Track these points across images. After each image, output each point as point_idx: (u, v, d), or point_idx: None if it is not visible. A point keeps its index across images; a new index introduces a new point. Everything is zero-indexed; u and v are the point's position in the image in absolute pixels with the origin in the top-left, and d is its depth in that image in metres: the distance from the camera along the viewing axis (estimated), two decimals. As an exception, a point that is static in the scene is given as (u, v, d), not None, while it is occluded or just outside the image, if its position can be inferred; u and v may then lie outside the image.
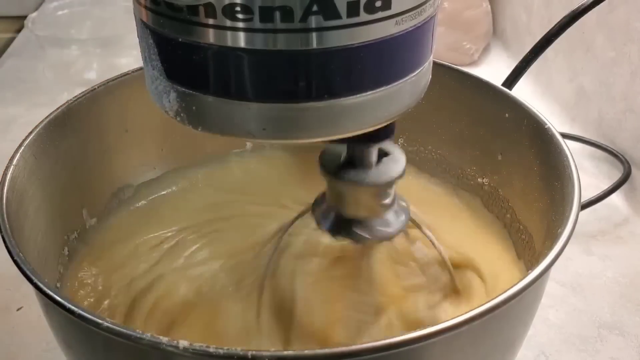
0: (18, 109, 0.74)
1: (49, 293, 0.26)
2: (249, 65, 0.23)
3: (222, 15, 0.22)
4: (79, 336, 0.28)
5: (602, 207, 0.56)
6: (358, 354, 0.23)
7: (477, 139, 0.44)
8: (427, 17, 0.25)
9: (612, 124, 0.63)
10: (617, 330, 0.46)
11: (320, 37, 0.22)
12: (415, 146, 0.49)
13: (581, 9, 0.48)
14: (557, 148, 0.36)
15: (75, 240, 0.41)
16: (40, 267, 0.34)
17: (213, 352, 0.23)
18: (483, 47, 0.86)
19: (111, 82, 0.42)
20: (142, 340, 0.23)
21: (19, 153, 0.35)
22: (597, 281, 0.50)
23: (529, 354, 0.44)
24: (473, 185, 0.46)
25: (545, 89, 0.75)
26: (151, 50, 0.25)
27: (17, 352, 0.44)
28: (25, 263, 0.28)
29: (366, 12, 0.22)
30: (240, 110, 0.24)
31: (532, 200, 0.39)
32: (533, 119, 0.38)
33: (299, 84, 0.23)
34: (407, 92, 0.26)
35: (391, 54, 0.24)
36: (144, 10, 0.24)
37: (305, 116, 0.24)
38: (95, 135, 0.42)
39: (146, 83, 0.27)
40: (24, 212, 0.34)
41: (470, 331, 0.25)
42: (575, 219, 0.30)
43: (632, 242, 0.54)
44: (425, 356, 0.26)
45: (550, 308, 0.47)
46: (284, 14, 0.21)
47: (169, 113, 0.26)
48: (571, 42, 0.69)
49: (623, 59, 0.61)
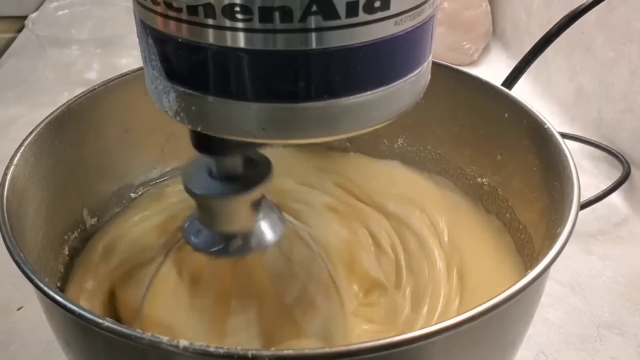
0: (18, 109, 0.74)
1: (49, 293, 0.26)
2: (248, 65, 0.23)
3: (222, 15, 0.22)
4: (79, 336, 0.28)
5: (602, 206, 0.56)
6: (358, 353, 0.23)
7: (477, 138, 0.44)
8: (427, 17, 0.25)
9: (611, 124, 0.64)
10: (617, 329, 0.46)
11: (320, 37, 0.22)
12: (414, 146, 0.49)
13: (581, 9, 0.48)
14: (557, 148, 0.36)
15: (75, 240, 0.41)
16: (40, 267, 0.34)
17: (213, 352, 0.23)
18: (483, 47, 0.86)
19: (111, 82, 0.42)
20: (142, 339, 0.24)
21: (19, 153, 0.35)
22: (597, 281, 0.50)
23: (528, 353, 0.44)
24: (472, 185, 0.46)
25: (544, 89, 0.75)
26: (151, 50, 0.25)
27: (17, 352, 0.44)
28: (25, 263, 0.28)
29: (365, 13, 0.22)
30: (240, 110, 0.24)
31: (531, 200, 0.39)
32: (532, 119, 0.38)
33: (299, 84, 0.23)
34: (407, 92, 0.26)
35: (390, 54, 0.24)
36: (143, 10, 0.24)
37: (305, 116, 0.24)
38: (95, 135, 0.42)
39: (146, 83, 0.27)
40: (24, 212, 0.34)
41: (470, 331, 0.25)
42: (575, 218, 0.30)
43: (631, 241, 0.55)
44: (425, 356, 0.26)
45: (550, 307, 0.48)
46: (283, 14, 0.21)
47: (169, 113, 0.26)
48: (571, 42, 0.69)
49: (622, 59, 0.62)
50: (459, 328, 0.24)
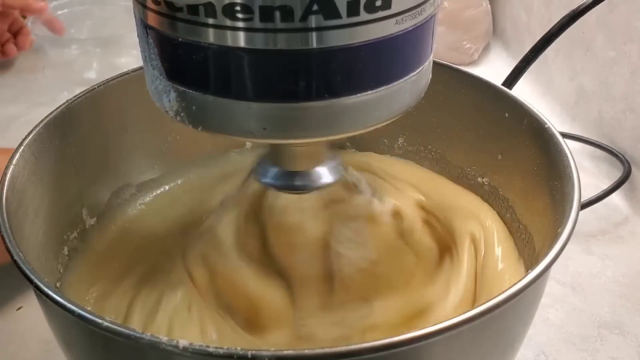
0: (18, 108, 0.74)
1: (48, 293, 0.26)
2: (249, 64, 0.23)
3: (222, 14, 0.22)
4: (79, 336, 0.28)
5: (602, 206, 0.56)
6: (358, 353, 0.23)
7: (477, 138, 0.44)
8: (427, 17, 0.25)
9: (612, 124, 0.63)
10: (617, 329, 0.46)
11: (321, 37, 0.22)
12: (415, 145, 0.49)
13: (581, 8, 0.48)
14: (557, 147, 0.36)
15: (75, 240, 0.41)
16: (40, 267, 0.34)
17: (213, 352, 0.23)
18: (483, 46, 0.86)
19: (111, 82, 0.42)
20: (141, 339, 0.23)
21: (18, 152, 0.35)
22: (597, 281, 0.50)
23: (528, 353, 0.44)
24: (473, 184, 0.46)
25: (545, 88, 0.75)
26: (151, 50, 0.25)
27: (17, 352, 0.44)
28: (25, 263, 0.28)
29: (366, 12, 0.22)
30: (240, 110, 0.24)
31: (532, 200, 0.39)
32: (533, 118, 0.38)
33: (299, 84, 0.23)
34: (408, 91, 0.26)
35: (391, 53, 0.24)
36: (144, 10, 0.24)
37: (306, 116, 0.24)
38: (95, 135, 0.42)
39: (146, 82, 0.27)
40: (23, 212, 0.34)
41: (470, 331, 0.25)
42: (575, 218, 0.30)
43: (632, 241, 0.54)
44: (425, 356, 0.26)
45: (550, 307, 0.47)
46: (284, 13, 0.21)
47: (169, 113, 0.26)
48: (571, 41, 0.69)
49: (623, 59, 0.62)
50: (459, 328, 0.24)
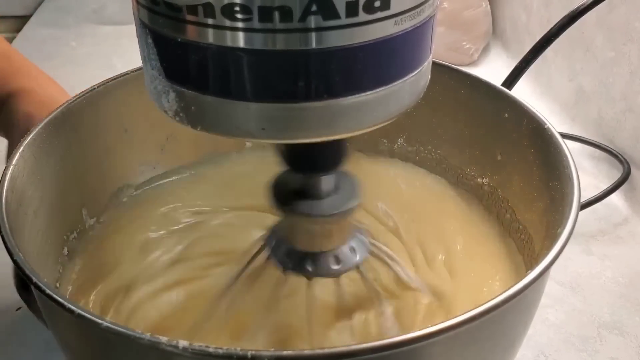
0: (18, 109, 0.74)
1: (48, 293, 0.26)
2: (248, 65, 0.23)
3: (221, 15, 0.22)
4: (79, 336, 0.28)
5: (602, 207, 0.56)
6: (358, 353, 0.23)
7: (477, 139, 0.44)
8: (426, 17, 0.25)
9: (611, 124, 0.64)
10: (617, 330, 0.46)
11: (320, 37, 0.22)
12: (414, 146, 0.49)
13: (581, 9, 0.48)
14: (557, 148, 0.36)
15: (75, 240, 0.41)
16: (40, 267, 0.34)
17: (212, 352, 0.23)
18: (482, 47, 0.86)
19: (110, 82, 0.42)
20: (141, 340, 0.23)
21: (18, 153, 0.35)
22: (597, 281, 0.50)
23: (528, 353, 0.44)
24: (472, 185, 0.46)
25: (544, 89, 0.75)
26: (150, 50, 0.25)
27: (17, 352, 0.44)
28: (24, 263, 0.28)
29: (365, 12, 0.22)
30: (240, 110, 0.24)
31: (531, 200, 0.39)
32: (533, 119, 0.38)
33: (298, 84, 0.23)
34: (407, 92, 0.26)
35: (390, 54, 0.24)
36: (143, 10, 0.24)
37: (305, 116, 0.24)
38: (95, 135, 0.42)
39: (145, 83, 0.27)
40: (23, 212, 0.34)
41: (470, 331, 0.25)
42: (575, 218, 0.30)
43: (631, 242, 0.54)
44: (425, 356, 0.26)
45: (550, 308, 0.47)
46: (283, 13, 0.21)
47: (168, 113, 0.26)
48: (571, 42, 0.69)
49: (622, 59, 0.62)
50: (459, 328, 0.24)
